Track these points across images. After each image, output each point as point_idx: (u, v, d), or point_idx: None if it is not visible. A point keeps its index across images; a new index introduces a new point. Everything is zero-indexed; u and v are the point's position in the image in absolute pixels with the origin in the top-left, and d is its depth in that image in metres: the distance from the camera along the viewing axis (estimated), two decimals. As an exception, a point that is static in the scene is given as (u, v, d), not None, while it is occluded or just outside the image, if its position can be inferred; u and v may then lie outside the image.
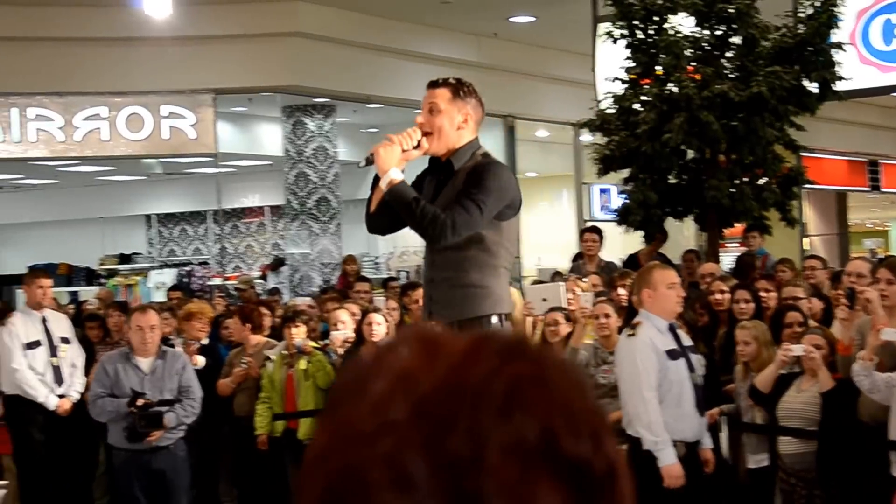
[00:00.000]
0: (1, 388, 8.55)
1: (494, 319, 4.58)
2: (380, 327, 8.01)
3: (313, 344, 8.33)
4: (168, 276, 18.93)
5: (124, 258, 20.49)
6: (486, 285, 4.59)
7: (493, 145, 18.17)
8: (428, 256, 4.75)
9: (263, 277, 18.36)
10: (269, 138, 17.34)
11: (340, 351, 8.27)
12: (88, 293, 16.61)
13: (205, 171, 18.15)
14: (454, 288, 4.60)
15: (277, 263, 18.11)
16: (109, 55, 13.82)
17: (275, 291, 14.83)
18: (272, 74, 14.44)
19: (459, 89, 4.79)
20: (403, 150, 4.62)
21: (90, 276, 19.76)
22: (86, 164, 17.01)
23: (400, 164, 4.59)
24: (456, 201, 4.53)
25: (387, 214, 4.69)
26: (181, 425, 7.32)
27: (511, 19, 15.87)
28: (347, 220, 16.63)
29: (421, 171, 4.88)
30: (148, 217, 22.26)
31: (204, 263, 20.23)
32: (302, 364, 8.16)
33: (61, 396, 8.36)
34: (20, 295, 11.70)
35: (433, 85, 4.85)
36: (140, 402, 7.07)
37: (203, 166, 17.63)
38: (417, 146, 4.68)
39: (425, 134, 4.71)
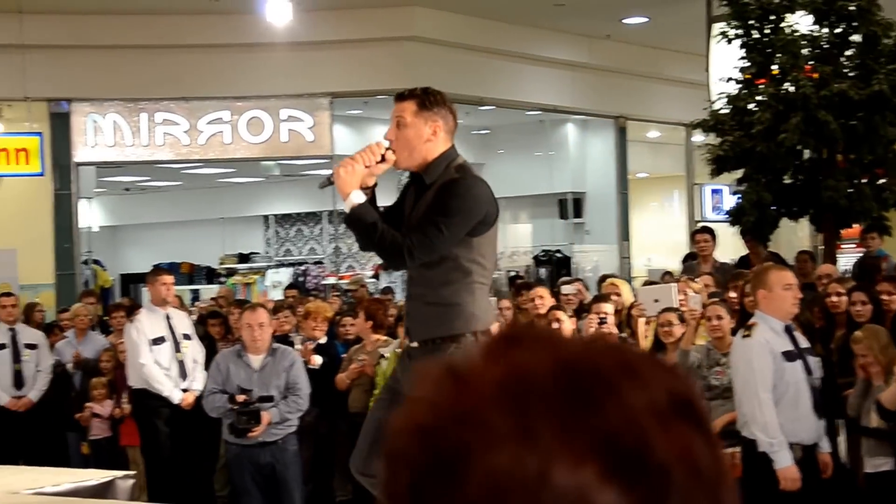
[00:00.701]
0: (129, 383, 8.86)
1: (469, 338, 4.46)
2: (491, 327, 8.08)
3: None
4: (284, 276, 19.30)
5: (243, 257, 20.95)
6: (459, 303, 4.48)
7: (603, 146, 18.18)
8: (407, 272, 4.68)
9: (376, 277, 18.60)
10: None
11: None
12: (209, 291, 17.06)
13: (321, 173, 18.47)
14: (427, 305, 4.52)
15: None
16: (232, 61, 14.19)
17: (387, 291, 15.04)
18: (387, 77, 14.65)
19: (426, 100, 4.58)
20: (367, 167, 4.47)
21: (210, 275, 20.26)
22: (208, 166, 17.46)
23: (369, 181, 4.48)
24: (418, 224, 4.42)
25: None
26: (286, 421, 7.41)
27: (624, 21, 15.86)
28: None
29: (406, 183, 4.77)
30: (266, 217, 22.68)
31: (318, 263, 20.57)
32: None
33: (185, 391, 8.62)
34: (146, 293, 12.06)
35: (399, 98, 4.63)
36: (240, 398, 7.26)
37: (319, 168, 17.93)
38: (383, 160, 4.52)
39: (393, 148, 4.55)
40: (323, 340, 8.94)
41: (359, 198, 4.41)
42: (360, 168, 4.43)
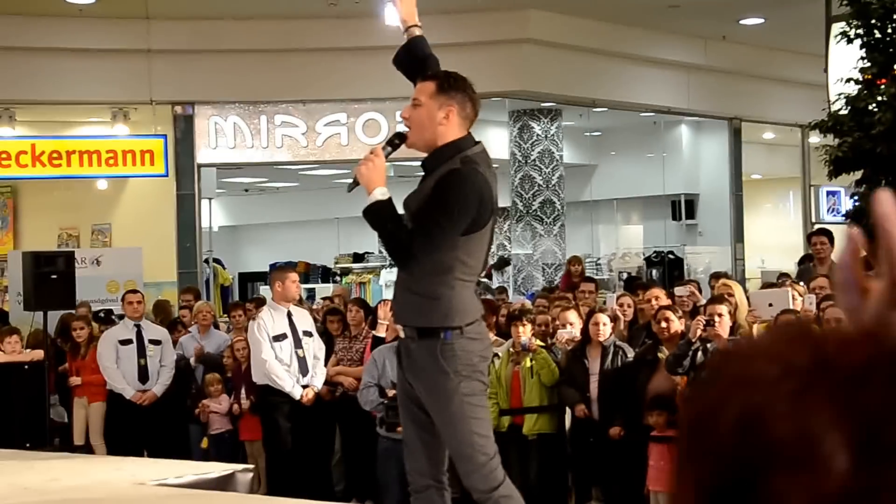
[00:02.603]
0: (252, 379, 9.09)
1: (449, 334, 4.45)
2: (605, 327, 8.10)
3: (539, 342, 8.46)
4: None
5: (358, 257, 21.24)
6: (437, 297, 4.44)
7: (717, 148, 18.02)
8: None
9: (489, 277, 18.71)
10: (496, 142, 17.67)
11: (566, 349, 8.41)
12: (324, 290, 17.34)
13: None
14: (408, 293, 4.52)
15: (502, 263, 18.42)
16: (349, 64, 14.43)
17: (501, 290, 15.14)
18: (501, 80, 14.75)
19: (445, 83, 4.57)
20: (388, 158, 4.47)
21: (326, 274, 20.58)
22: (325, 167, 17.76)
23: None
24: (419, 223, 4.37)
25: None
26: None
27: (740, 21, 15.72)
28: (571, 222, 16.82)
29: None
30: (381, 218, 22.92)
31: (432, 263, 20.73)
32: (527, 362, 8.30)
33: (305, 387, 8.81)
34: (263, 291, 12.30)
35: (422, 78, 4.65)
36: (390, 393, 7.32)
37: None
38: (402, 140, 4.54)
39: (408, 126, 4.56)
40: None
41: (382, 194, 4.35)
42: (380, 162, 4.41)
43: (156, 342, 10.13)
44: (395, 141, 4.56)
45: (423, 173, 4.64)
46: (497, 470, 4.55)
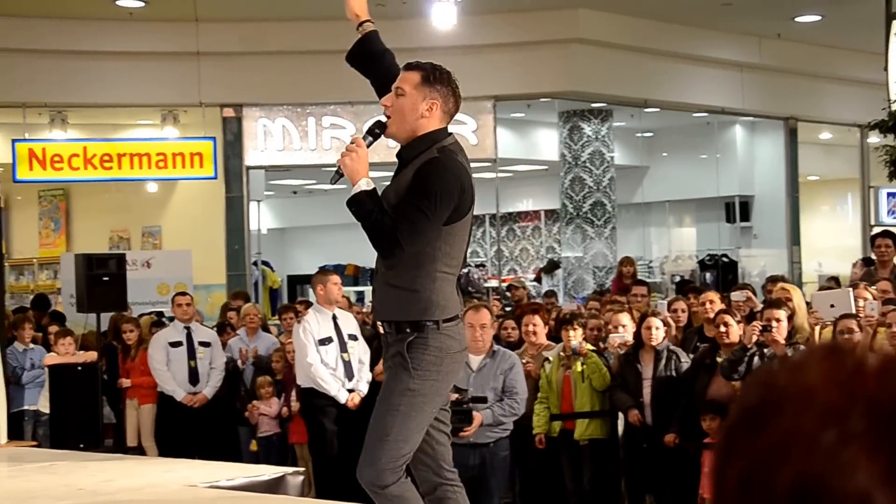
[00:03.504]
0: (297, 382, 9.05)
1: (429, 324, 4.36)
2: (658, 331, 7.97)
3: (590, 346, 8.35)
4: (447, 278, 19.40)
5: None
6: (417, 290, 4.35)
7: (773, 148, 17.77)
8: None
9: (538, 280, 18.58)
10: (546, 143, 17.56)
11: (618, 353, 8.29)
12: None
13: (483, 177, 18.54)
14: (389, 287, 4.41)
15: (552, 266, 18.29)
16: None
17: (550, 294, 15.00)
18: (551, 80, 14.64)
19: (430, 75, 4.48)
20: (368, 147, 4.39)
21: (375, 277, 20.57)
22: (373, 169, 17.71)
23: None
24: (400, 212, 4.27)
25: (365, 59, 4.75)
26: (500, 424, 7.34)
27: (796, 19, 15.47)
28: (622, 224, 16.66)
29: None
30: (428, 220, 22.83)
31: (481, 266, 20.66)
32: (578, 366, 8.20)
33: (351, 391, 8.74)
34: (312, 294, 12.26)
35: (406, 67, 4.56)
36: (452, 397, 7.24)
37: (482, 171, 18.01)
38: (383, 129, 4.46)
39: (388, 116, 4.47)
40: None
41: (367, 184, 4.29)
42: (364, 153, 4.34)
43: (205, 344, 10.14)
44: (376, 130, 4.48)
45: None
46: (394, 472, 4.38)
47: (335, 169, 4.38)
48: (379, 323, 4.67)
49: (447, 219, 4.33)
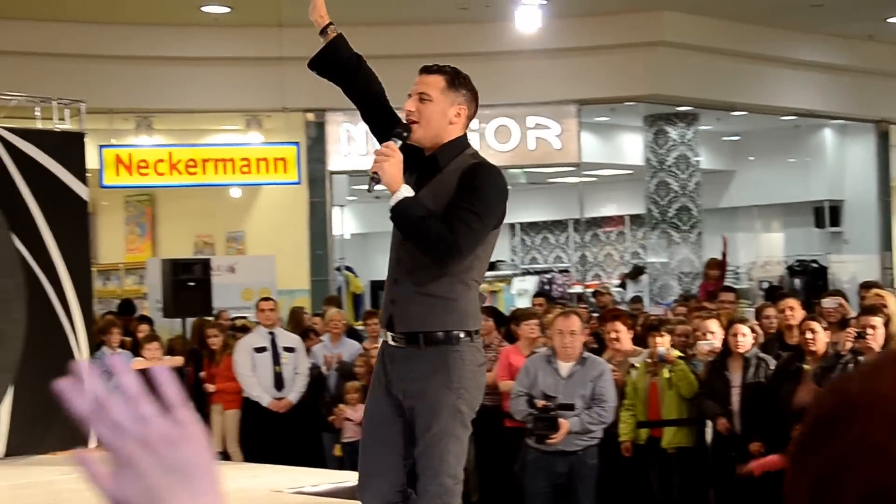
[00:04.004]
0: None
1: (462, 335, 4.15)
2: (746, 338, 7.82)
3: (677, 353, 8.23)
4: (530, 284, 19.34)
5: (490, 265, 21.13)
6: (454, 298, 4.17)
7: (863, 152, 17.41)
8: (394, 252, 4.30)
9: (622, 286, 18.40)
10: (631, 147, 17.39)
11: (706, 360, 8.15)
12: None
13: (567, 181, 18.43)
14: (419, 295, 4.18)
15: (636, 272, 18.11)
16: (480, 69, 14.15)
17: (637, 300, 14.83)
18: (635, 84, 14.48)
19: (455, 79, 4.34)
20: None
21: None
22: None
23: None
24: (455, 216, 4.08)
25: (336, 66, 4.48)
26: (588, 432, 7.25)
27: (889, 20, 15.13)
28: (708, 229, 16.44)
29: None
30: (512, 226, 22.81)
31: (564, 271, 20.54)
32: (665, 373, 8.08)
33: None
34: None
35: (426, 71, 4.40)
36: (540, 404, 7.16)
37: (566, 176, 17.92)
38: (409, 133, 4.24)
39: (412, 122, 4.27)
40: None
41: (409, 191, 4.10)
42: (399, 158, 4.13)
43: (290, 349, 10.14)
44: (404, 134, 4.25)
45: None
46: (456, 497, 4.22)
47: (370, 176, 4.14)
48: (388, 335, 4.30)
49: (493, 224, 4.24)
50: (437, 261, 4.12)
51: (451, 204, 4.13)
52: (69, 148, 8.76)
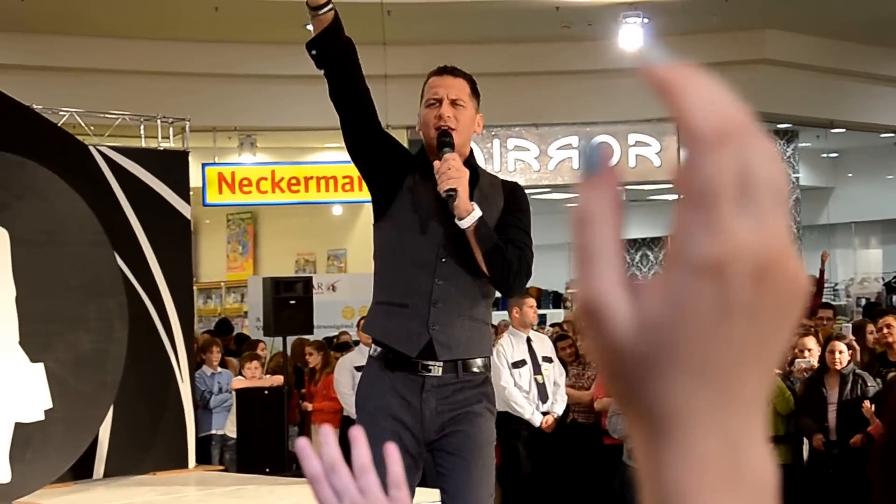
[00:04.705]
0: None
1: (484, 361, 3.88)
2: (843, 355, 7.77)
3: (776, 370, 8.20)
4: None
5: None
6: (489, 322, 4.00)
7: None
8: (429, 273, 3.80)
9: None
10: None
11: (804, 377, 8.13)
12: (556, 316, 17.23)
13: (667, 198, 18.35)
14: (470, 321, 3.84)
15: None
16: (582, 87, 14.33)
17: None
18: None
19: (475, 85, 3.96)
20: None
21: (557, 300, 20.46)
22: (557, 191, 17.73)
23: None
24: (522, 241, 3.79)
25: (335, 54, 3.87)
26: None
27: None
28: (807, 246, 16.29)
29: (398, 166, 3.93)
30: (610, 243, 22.67)
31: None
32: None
33: (545, 413, 8.70)
34: (497, 316, 12.23)
35: (451, 73, 3.95)
36: None
37: (666, 193, 17.85)
38: (452, 146, 3.80)
39: (451, 129, 3.82)
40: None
41: (479, 210, 3.74)
42: (467, 172, 3.75)
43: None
44: (451, 142, 3.82)
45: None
46: None
47: (447, 194, 3.70)
48: (437, 365, 3.82)
49: None
50: (507, 286, 3.85)
51: (508, 225, 3.85)
52: (173, 166, 8.71)
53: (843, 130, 16.50)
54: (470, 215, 3.71)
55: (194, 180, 14.88)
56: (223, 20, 13.31)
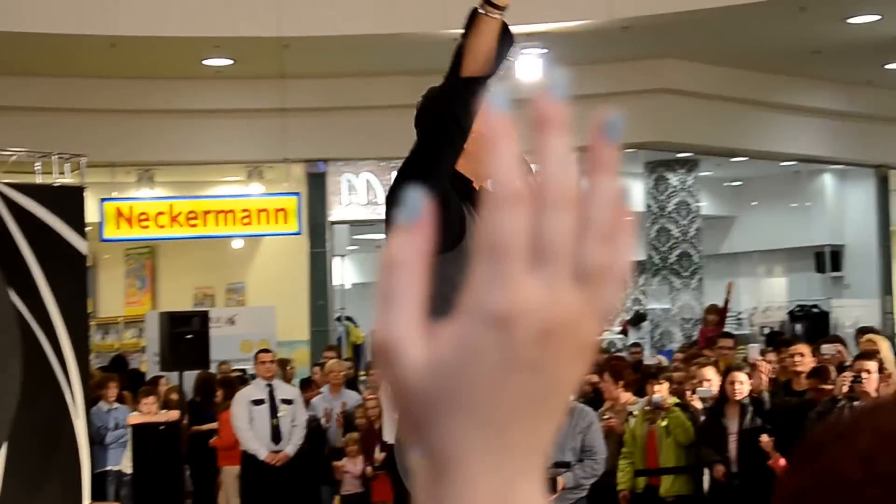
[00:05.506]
0: (384, 438, 8.96)
1: None
2: (743, 385, 7.80)
3: (674, 400, 8.22)
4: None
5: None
6: None
7: (864, 197, 17.42)
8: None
9: (624, 333, 18.33)
10: (631, 194, 17.39)
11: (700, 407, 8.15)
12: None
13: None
14: None
15: (638, 319, 18.04)
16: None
17: (635, 345, 14.77)
18: (637, 131, 14.49)
19: None
20: None
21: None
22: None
23: None
24: None
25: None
26: (581, 486, 7.04)
27: (886, 66, 15.17)
28: (709, 275, 16.41)
29: (442, 188, 3.29)
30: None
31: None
32: (663, 421, 8.07)
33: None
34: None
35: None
36: None
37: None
38: None
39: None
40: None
41: None
42: None
43: (287, 402, 10.09)
44: None
45: None
46: None
47: None
48: None
49: None
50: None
51: None
52: (69, 202, 8.71)
53: (745, 159, 16.70)
54: None
55: (92, 215, 14.67)
56: (120, 56, 13.16)
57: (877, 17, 12.76)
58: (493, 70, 3.36)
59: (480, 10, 3.23)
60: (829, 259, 18.07)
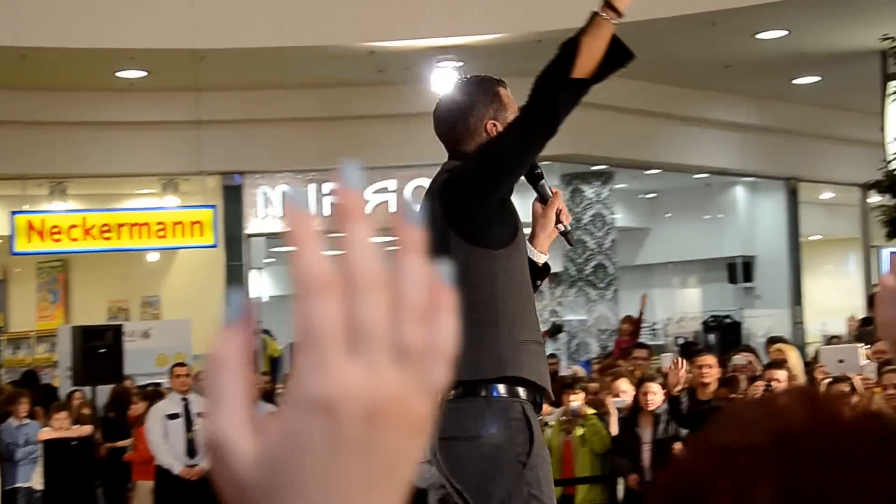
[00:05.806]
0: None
1: None
2: (656, 396, 7.91)
3: (591, 410, 8.32)
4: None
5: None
6: None
7: (774, 208, 17.76)
8: (533, 312, 3.60)
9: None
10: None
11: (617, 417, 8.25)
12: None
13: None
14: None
15: (555, 330, 18.18)
16: (397, 130, 14.23)
17: (551, 356, 14.88)
18: (553, 143, 14.47)
19: None
20: None
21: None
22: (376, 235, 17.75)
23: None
24: (485, 149, 3.69)
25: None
26: None
27: (794, 81, 15.49)
28: (624, 287, 16.59)
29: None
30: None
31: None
32: (579, 430, 8.16)
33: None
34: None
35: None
36: None
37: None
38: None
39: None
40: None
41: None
42: None
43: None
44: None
45: None
46: None
47: (568, 229, 3.73)
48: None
49: None
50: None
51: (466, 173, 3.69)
52: None
53: (659, 171, 16.91)
54: (545, 254, 3.69)
55: (2, 228, 14.48)
56: (30, 67, 12.96)
57: (784, 33, 13.02)
58: (601, 78, 3.53)
59: (601, 14, 3.34)
60: (741, 270, 18.37)
